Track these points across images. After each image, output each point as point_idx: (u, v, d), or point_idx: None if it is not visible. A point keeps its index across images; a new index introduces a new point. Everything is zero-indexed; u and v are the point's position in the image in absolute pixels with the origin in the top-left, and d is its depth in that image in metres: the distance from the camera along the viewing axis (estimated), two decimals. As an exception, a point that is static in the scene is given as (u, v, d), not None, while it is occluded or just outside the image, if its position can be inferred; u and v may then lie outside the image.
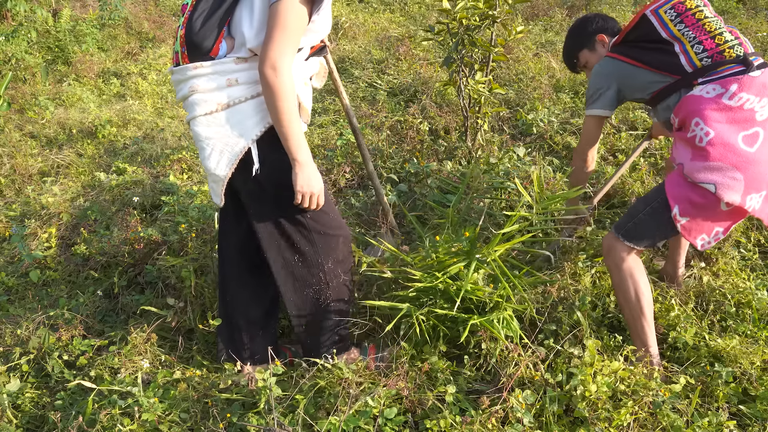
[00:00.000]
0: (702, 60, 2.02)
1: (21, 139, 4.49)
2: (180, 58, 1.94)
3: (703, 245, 2.04)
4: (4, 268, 3.04)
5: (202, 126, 1.94)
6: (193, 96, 1.92)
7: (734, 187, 1.92)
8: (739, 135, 1.93)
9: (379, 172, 3.59)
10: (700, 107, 1.97)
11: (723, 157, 1.93)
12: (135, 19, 6.78)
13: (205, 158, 1.97)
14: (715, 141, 1.93)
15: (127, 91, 5.36)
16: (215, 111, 1.92)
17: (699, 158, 1.97)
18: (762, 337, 2.29)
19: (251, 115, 1.93)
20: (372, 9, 7.08)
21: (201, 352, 2.44)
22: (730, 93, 1.93)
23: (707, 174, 1.95)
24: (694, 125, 1.98)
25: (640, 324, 2.12)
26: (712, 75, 1.99)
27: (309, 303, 2.14)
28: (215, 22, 1.89)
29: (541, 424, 1.91)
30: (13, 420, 2.10)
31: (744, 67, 1.96)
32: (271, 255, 2.08)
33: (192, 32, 1.89)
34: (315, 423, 1.85)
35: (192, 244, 2.76)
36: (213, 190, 2.03)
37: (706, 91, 1.97)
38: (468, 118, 3.51)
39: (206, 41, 1.89)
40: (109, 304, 2.75)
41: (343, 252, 2.15)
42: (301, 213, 2.03)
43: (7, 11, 6.07)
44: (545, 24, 6.15)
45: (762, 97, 1.93)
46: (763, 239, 2.85)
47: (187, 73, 1.91)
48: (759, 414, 1.99)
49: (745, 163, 1.92)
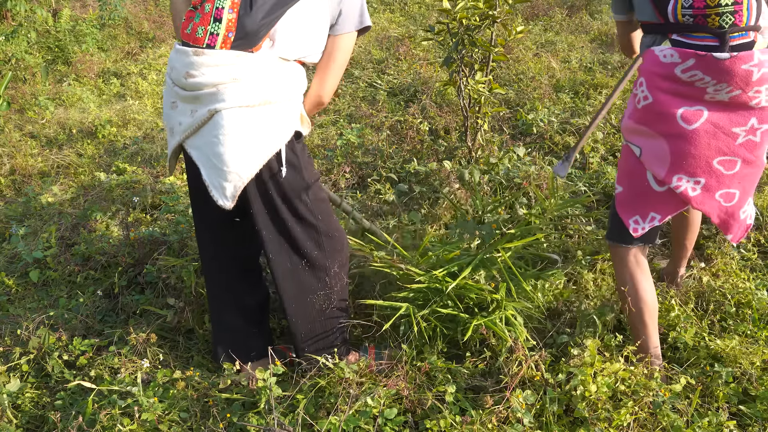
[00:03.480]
0: (684, 16, 1.82)
1: (21, 139, 4.48)
2: (219, 41, 1.79)
3: (635, 230, 1.95)
4: (4, 268, 3.04)
5: (237, 118, 1.81)
6: (233, 84, 1.80)
7: (659, 158, 1.85)
8: (680, 108, 1.82)
9: (379, 172, 3.59)
10: (650, 68, 1.85)
11: (654, 124, 1.85)
12: (135, 19, 6.77)
13: (223, 153, 1.82)
14: (651, 107, 1.85)
15: (127, 91, 5.36)
16: (257, 105, 1.83)
17: (634, 118, 1.92)
18: (762, 337, 2.29)
19: (286, 117, 1.89)
20: (372, 9, 7.07)
21: (201, 352, 2.44)
22: (685, 66, 1.78)
23: (636, 137, 1.91)
24: (639, 84, 1.90)
25: (641, 325, 2.11)
26: (684, 37, 1.83)
27: (312, 308, 2.11)
28: (274, 18, 1.82)
29: (541, 424, 1.91)
30: (13, 420, 2.10)
31: (717, 43, 1.79)
32: (276, 259, 2.03)
33: (251, 20, 1.78)
34: (315, 423, 1.85)
35: (192, 244, 2.76)
36: (221, 191, 1.86)
37: (663, 54, 1.82)
38: (468, 118, 3.51)
39: (261, 32, 1.81)
40: (109, 304, 2.75)
41: (346, 254, 2.15)
42: (313, 215, 2.01)
43: (7, 11, 6.06)
44: (545, 24, 6.15)
45: (720, 81, 1.77)
46: (763, 239, 2.85)
47: (228, 59, 1.79)
48: (759, 414, 1.99)
49: (675, 137, 1.83)
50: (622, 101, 4.13)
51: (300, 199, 1.98)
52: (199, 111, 1.85)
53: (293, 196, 1.97)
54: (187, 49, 1.82)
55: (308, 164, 2.03)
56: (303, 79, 1.97)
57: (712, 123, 1.82)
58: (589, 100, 4.36)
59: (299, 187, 1.97)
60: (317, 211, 2.03)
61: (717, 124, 1.82)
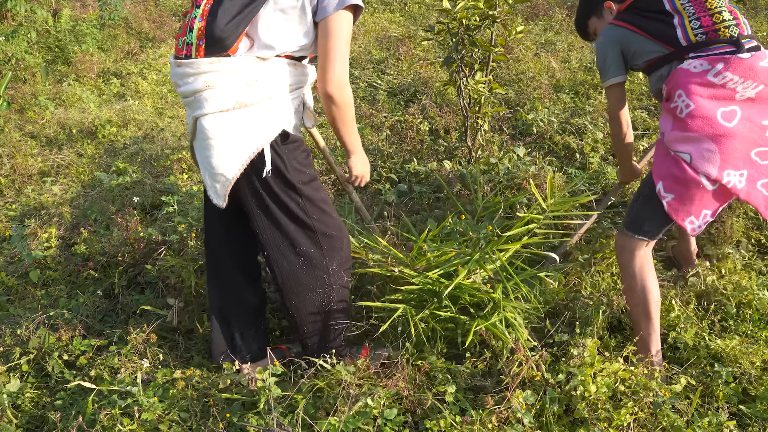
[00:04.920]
0: (697, 35, 2.07)
1: (21, 139, 4.48)
2: (194, 50, 1.87)
3: (693, 229, 2.06)
4: (4, 268, 3.03)
5: (215, 123, 1.88)
6: (207, 91, 1.86)
7: (710, 159, 1.99)
8: (718, 110, 2.00)
9: (379, 172, 3.59)
10: (685, 80, 2.04)
11: (700, 128, 2.01)
12: (135, 19, 6.77)
13: (211, 156, 1.91)
14: (695, 113, 2.01)
15: (127, 91, 5.36)
16: (232, 109, 1.87)
17: (678, 128, 2.06)
18: (762, 337, 2.29)
19: (268, 116, 1.91)
20: (372, 9, 7.08)
21: (201, 352, 2.44)
22: (716, 71, 2.00)
23: (684, 144, 2.04)
24: (677, 96, 2.06)
25: (644, 323, 2.12)
26: (704, 51, 2.06)
27: (311, 306, 2.13)
28: (241, 20, 1.85)
29: (541, 424, 1.91)
30: (13, 420, 2.10)
31: (734, 48, 2.03)
32: (274, 258, 2.06)
33: (216, 26, 1.83)
34: (315, 423, 1.85)
35: (192, 243, 2.76)
36: (215, 191, 1.97)
37: (693, 66, 2.04)
38: (468, 118, 3.51)
39: (230, 38, 1.85)
40: (109, 304, 2.75)
41: (346, 253, 2.16)
42: (307, 215, 2.03)
43: (7, 11, 6.06)
44: (545, 24, 6.15)
45: (746, 79, 1.99)
46: (763, 239, 2.85)
47: (201, 66, 1.85)
48: (759, 414, 1.99)
49: (721, 137, 1.99)
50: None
51: (290, 198, 1.99)
52: (189, 117, 1.97)
53: (283, 195, 1.98)
54: (173, 60, 1.93)
55: (299, 164, 2.01)
56: (286, 76, 1.95)
57: (746, 119, 2.01)
58: (589, 100, 4.36)
59: (287, 187, 1.98)
60: (311, 211, 2.04)
61: (750, 119, 2.01)
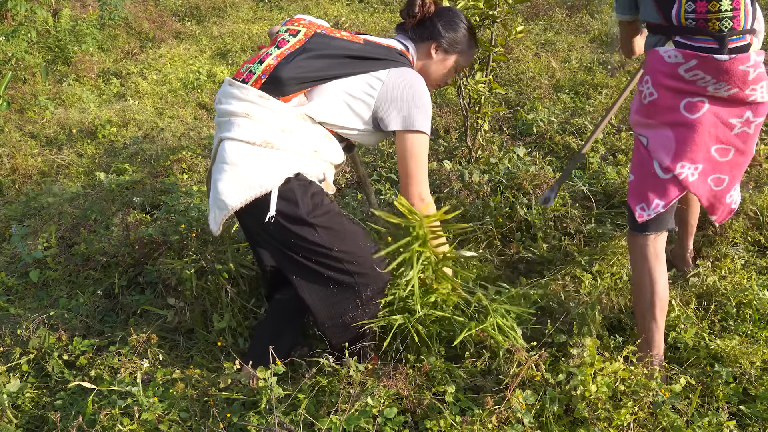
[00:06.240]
0: (687, 19, 1.94)
1: (21, 139, 4.49)
2: (253, 79, 1.94)
3: (640, 216, 2.04)
4: (4, 268, 3.04)
5: (236, 150, 1.91)
6: (242, 118, 1.91)
7: (665, 146, 1.98)
8: (683, 101, 1.96)
9: (379, 172, 3.59)
10: (654, 67, 1.99)
11: (659, 116, 2.00)
12: (135, 19, 6.78)
13: (220, 180, 1.92)
14: (658, 102, 1.99)
15: (127, 91, 5.36)
16: (257, 144, 1.91)
17: (640, 113, 2.05)
18: (762, 337, 2.29)
19: (286, 164, 1.93)
20: (372, 9, 7.08)
21: (201, 352, 2.44)
22: (688, 66, 1.92)
23: (643, 128, 2.04)
24: (645, 82, 2.03)
25: (649, 322, 2.11)
26: (687, 39, 1.95)
27: (339, 323, 2.09)
28: (309, 80, 1.95)
29: (541, 425, 1.91)
30: (13, 420, 2.10)
31: (717, 46, 1.91)
32: (299, 285, 2.04)
33: (284, 72, 1.92)
34: (316, 421, 1.85)
35: (192, 244, 2.76)
36: (213, 216, 1.96)
37: (668, 55, 1.95)
38: (468, 118, 3.51)
39: (290, 88, 1.93)
40: (109, 304, 2.75)
41: (383, 281, 2.11)
42: (326, 246, 1.97)
43: (7, 11, 6.06)
44: (545, 24, 6.16)
45: (719, 81, 1.91)
46: (763, 239, 2.85)
47: (250, 95, 1.91)
48: (759, 414, 1.99)
49: (680, 126, 1.97)
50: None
51: (294, 244, 1.97)
52: (215, 140, 2.02)
53: (287, 240, 1.97)
54: (228, 79, 2.00)
55: (310, 200, 1.96)
56: (319, 143, 1.99)
57: (713, 113, 1.96)
58: (589, 100, 4.36)
59: (291, 235, 1.95)
60: (331, 242, 1.97)
61: (717, 114, 1.96)
